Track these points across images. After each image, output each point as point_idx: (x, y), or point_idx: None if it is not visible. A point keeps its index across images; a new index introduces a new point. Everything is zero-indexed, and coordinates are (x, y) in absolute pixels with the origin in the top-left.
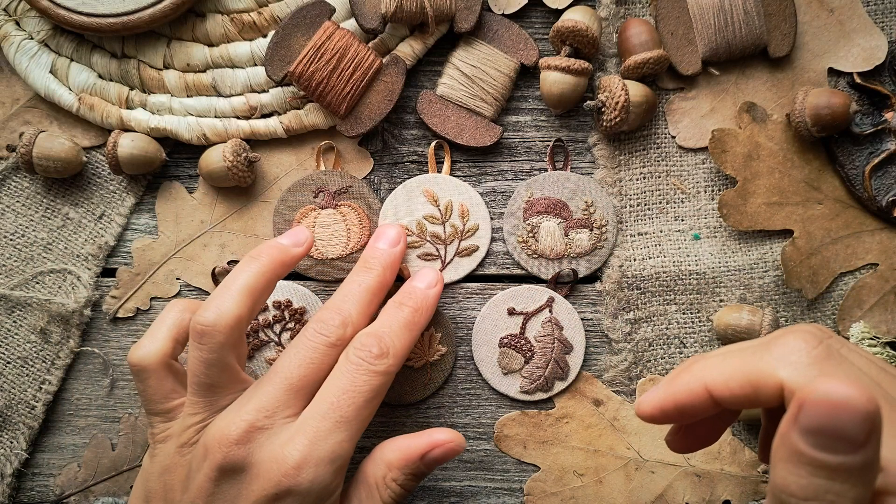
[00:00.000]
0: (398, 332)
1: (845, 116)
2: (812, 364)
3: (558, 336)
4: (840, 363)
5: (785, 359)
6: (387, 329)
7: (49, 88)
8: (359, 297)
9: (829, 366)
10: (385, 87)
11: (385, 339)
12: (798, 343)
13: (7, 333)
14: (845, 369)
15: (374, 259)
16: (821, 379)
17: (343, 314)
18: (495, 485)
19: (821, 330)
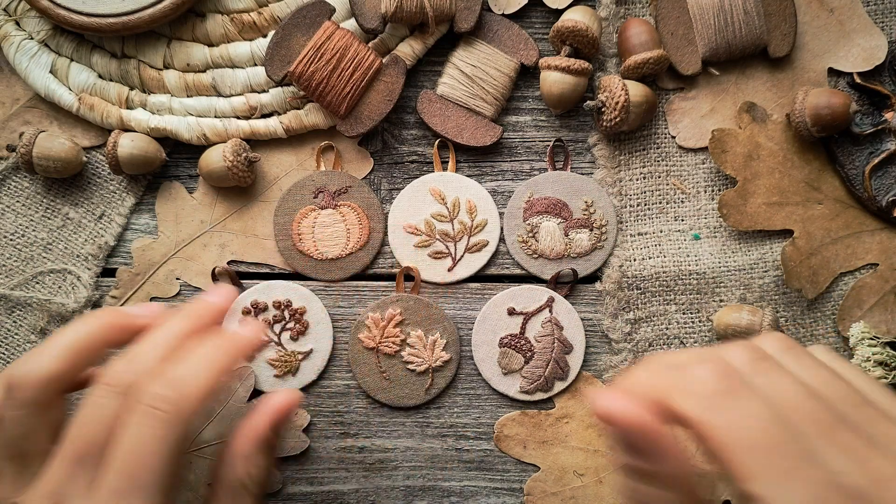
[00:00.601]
0: (196, 372)
1: (845, 116)
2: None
3: (558, 336)
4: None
5: (686, 390)
6: (182, 370)
7: (49, 88)
8: (159, 342)
9: (725, 400)
10: (385, 87)
11: (179, 381)
12: (701, 378)
13: (7, 333)
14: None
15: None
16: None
17: (134, 360)
18: (495, 485)
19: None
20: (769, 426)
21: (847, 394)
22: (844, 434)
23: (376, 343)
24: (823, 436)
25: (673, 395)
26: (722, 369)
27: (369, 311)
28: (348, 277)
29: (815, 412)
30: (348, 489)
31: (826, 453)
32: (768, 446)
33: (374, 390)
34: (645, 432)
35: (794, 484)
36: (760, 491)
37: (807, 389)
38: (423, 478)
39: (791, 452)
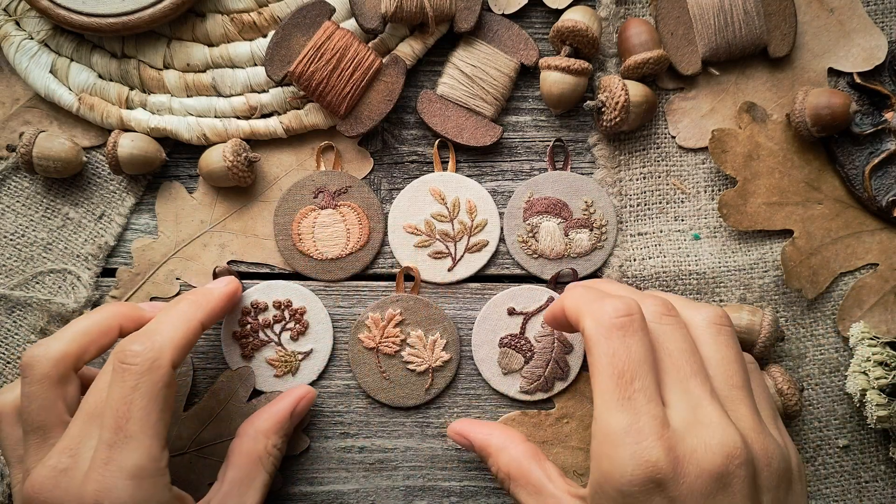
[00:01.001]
0: (168, 324)
1: (845, 116)
2: (604, 326)
3: (558, 336)
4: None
5: (595, 315)
6: (154, 325)
7: (49, 88)
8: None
9: (616, 333)
10: (385, 87)
11: (148, 334)
12: (607, 308)
13: (7, 333)
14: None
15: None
16: None
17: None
18: (495, 485)
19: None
20: (634, 363)
21: (731, 374)
22: (696, 384)
23: (376, 343)
24: (678, 380)
25: (583, 314)
26: (627, 308)
27: (369, 311)
28: (348, 277)
29: (684, 362)
30: (348, 489)
31: (671, 393)
32: (623, 377)
33: (374, 390)
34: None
35: (623, 410)
36: (596, 411)
37: (691, 347)
38: (423, 478)
39: (637, 386)
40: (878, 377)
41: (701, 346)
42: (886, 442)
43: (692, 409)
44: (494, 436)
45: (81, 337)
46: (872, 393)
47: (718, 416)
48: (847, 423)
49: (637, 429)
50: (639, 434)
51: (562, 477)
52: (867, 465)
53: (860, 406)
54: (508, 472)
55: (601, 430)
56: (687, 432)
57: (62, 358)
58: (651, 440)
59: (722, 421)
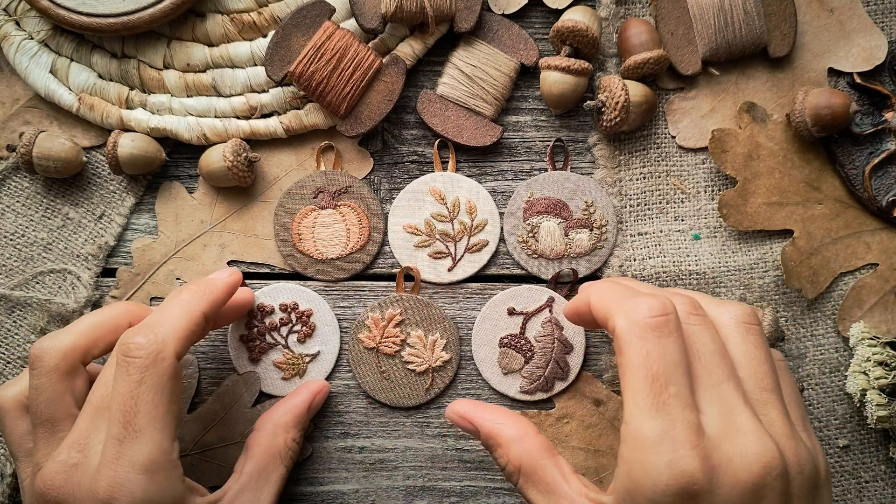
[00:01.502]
0: (170, 315)
1: (845, 116)
2: (638, 326)
3: (558, 336)
4: (660, 335)
5: (628, 314)
6: (156, 316)
7: (49, 88)
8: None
9: (651, 334)
10: (385, 87)
11: (151, 326)
12: (641, 307)
13: (7, 333)
14: (659, 341)
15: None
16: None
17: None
18: (495, 485)
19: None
20: (669, 366)
21: (761, 376)
22: (729, 389)
23: (376, 343)
24: (711, 384)
25: (614, 312)
26: (662, 307)
27: (369, 312)
28: (348, 277)
29: (715, 365)
30: (348, 489)
31: (704, 398)
32: (657, 381)
33: (375, 390)
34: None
35: (657, 415)
36: (627, 415)
37: (721, 348)
38: (423, 478)
39: (672, 391)
40: (878, 377)
41: (729, 346)
42: (886, 442)
43: (726, 415)
44: (507, 426)
45: (91, 331)
46: (872, 393)
47: (754, 425)
48: (847, 423)
49: (672, 436)
50: (674, 442)
51: (575, 475)
52: (867, 465)
53: (860, 406)
54: (520, 465)
55: (633, 435)
56: (722, 441)
57: (71, 350)
58: (686, 449)
59: (757, 429)
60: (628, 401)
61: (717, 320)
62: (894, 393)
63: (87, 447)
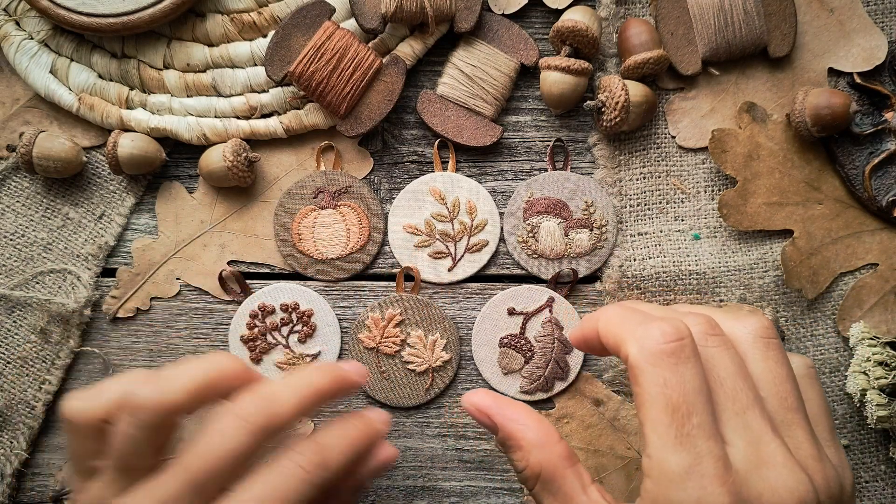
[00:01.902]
0: (342, 449)
1: (845, 116)
2: (653, 353)
3: (558, 336)
4: (677, 362)
5: (641, 341)
6: (332, 441)
7: (49, 88)
8: (298, 391)
9: (667, 361)
10: (385, 87)
11: (327, 451)
12: (654, 332)
13: (7, 333)
14: (676, 368)
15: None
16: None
17: (271, 401)
18: (495, 485)
19: (708, 324)
20: (689, 394)
21: (785, 395)
22: (755, 416)
23: (376, 343)
24: (735, 412)
25: (626, 340)
26: (676, 332)
27: (369, 312)
28: (348, 277)
29: (738, 391)
30: None
31: (728, 427)
32: (678, 411)
33: (375, 390)
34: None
35: (682, 449)
36: (650, 448)
37: (742, 371)
38: (423, 478)
39: (696, 422)
40: (878, 377)
41: (749, 363)
42: (886, 442)
43: (754, 446)
44: (530, 429)
45: (201, 391)
46: (872, 393)
47: (783, 456)
48: (847, 423)
49: (699, 472)
50: (702, 478)
51: (594, 485)
52: (867, 465)
53: (860, 406)
54: (540, 472)
55: (658, 469)
56: (750, 474)
57: (175, 408)
58: (715, 485)
59: (787, 461)
60: (650, 432)
61: (734, 336)
62: (894, 393)
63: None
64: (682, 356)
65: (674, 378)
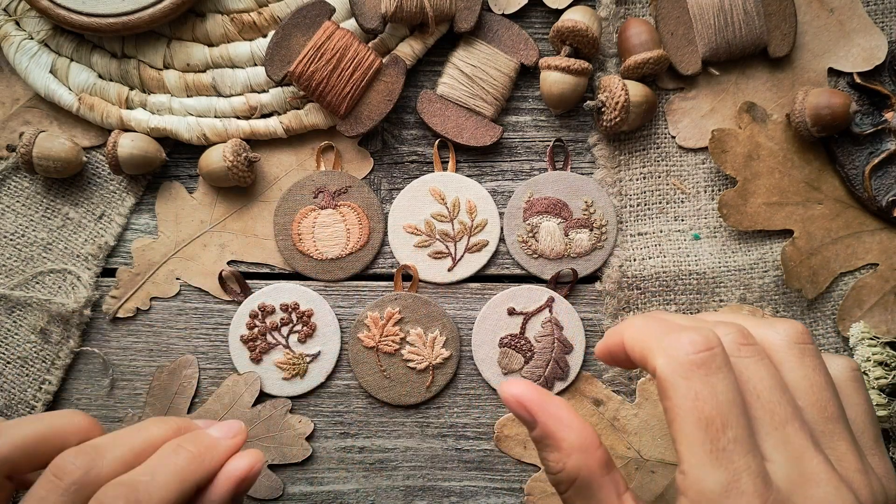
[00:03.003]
0: (164, 481)
1: (845, 116)
2: (682, 365)
3: (558, 336)
4: (707, 374)
5: (669, 352)
6: (147, 477)
7: (49, 88)
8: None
9: (698, 373)
10: (385, 87)
11: (140, 490)
12: (683, 343)
13: (7, 333)
14: (707, 380)
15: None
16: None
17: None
18: (495, 485)
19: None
20: (723, 407)
21: (824, 404)
22: (795, 431)
23: (376, 342)
24: (774, 426)
25: (653, 351)
26: (706, 342)
27: (368, 311)
28: (348, 277)
29: (776, 404)
30: (348, 489)
31: (767, 442)
32: (712, 425)
33: (375, 389)
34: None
35: (718, 465)
36: (685, 465)
37: (779, 383)
38: (423, 478)
39: (731, 436)
40: (878, 377)
41: (784, 371)
42: (886, 442)
43: (795, 462)
44: (574, 431)
45: (32, 445)
46: (872, 393)
47: (827, 473)
48: None
49: (738, 490)
50: (741, 496)
51: (629, 493)
52: None
53: None
54: (577, 477)
55: (694, 487)
56: (792, 492)
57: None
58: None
59: (831, 478)
60: (684, 449)
61: (768, 342)
62: (894, 393)
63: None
64: (713, 367)
65: (705, 390)
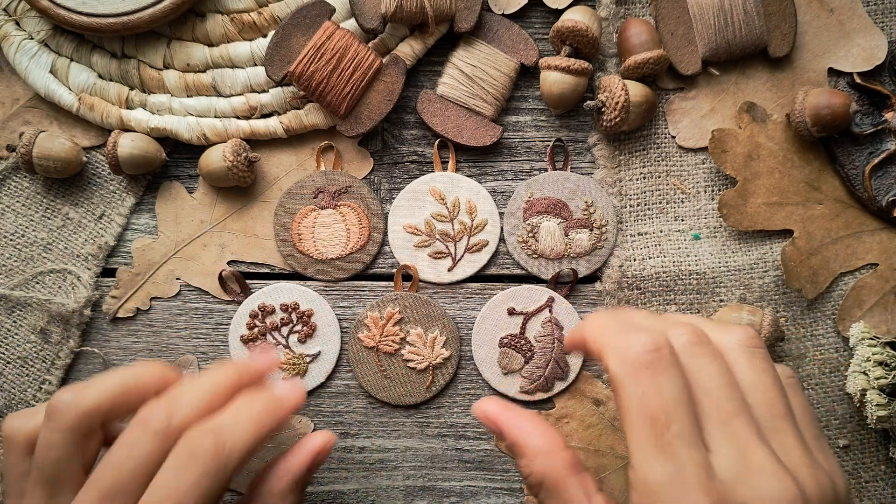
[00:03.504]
0: (244, 428)
1: (845, 116)
2: (631, 365)
3: (558, 336)
4: (656, 373)
5: (620, 353)
6: (229, 420)
7: (49, 88)
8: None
9: (645, 373)
10: (385, 87)
11: (224, 433)
12: (632, 344)
13: (7, 333)
14: (655, 380)
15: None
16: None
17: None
18: (495, 485)
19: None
20: (668, 404)
21: (772, 402)
22: (741, 425)
23: (376, 342)
24: (721, 421)
25: (607, 350)
26: (654, 343)
27: (368, 311)
28: (348, 277)
29: (724, 400)
30: (348, 489)
31: (714, 436)
32: (658, 421)
33: (375, 389)
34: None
35: (663, 459)
36: (633, 459)
37: (729, 381)
38: (423, 478)
39: (675, 431)
40: (878, 377)
41: (736, 371)
42: (886, 442)
43: (740, 454)
44: (534, 437)
45: (118, 393)
46: (872, 393)
47: (771, 463)
48: (847, 423)
49: (681, 481)
50: (683, 487)
51: (600, 494)
52: (867, 465)
53: (860, 406)
54: (543, 480)
55: (641, 481)
56: (737, 482)
57: (94, 411)
58: (698, 493)
59: (776, 469)
60: (632, 444)
61: (721, 345)
62: (894, 393)
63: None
64: (659, 367)
65: (652, 389)
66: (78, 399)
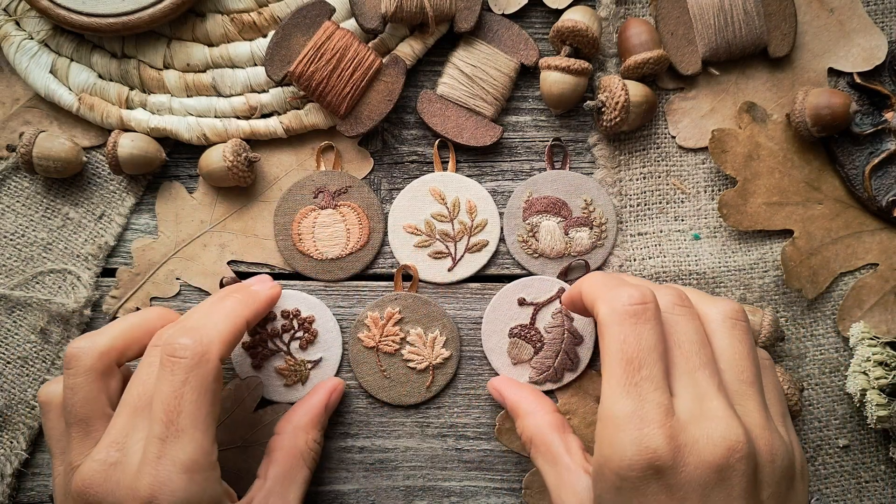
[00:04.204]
0: (214, 320)
1: (845, 116)
2: (618, 313)
3: (568, 327)
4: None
5: (610, 302)
6: (201, 319)
7: (49, 88)
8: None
9: (629, 321)
10: (385, 87)
11: (196, 329)
12: (622, 296)
13: (7, 333)
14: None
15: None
16: None
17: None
18: (495, 485)
19: (678, 297)
20: (643, 351)
21: (742, 369)
22: (705, 377)
23: (376, 342)
24: (687, 370)
25: (599, 300)
26: (641, 297)
27: (368, 311)
28: (348, 277)
29: (693, 354)
30: (348, 489)
31: (679, 382)
32: (631, 364)
33: (375, 389)
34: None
35: (629, 396)
36: (603, 395)
37: (701, 338)
38: (423, 478)
39: (645, 374)
40: (878, 377)
41: (714, 340)
42: (886, 442)
43: (698, 400)
44: (526, 399)
45: (127, 333)
46: (872, 393)
47: (724, 410)
48: (847, 423)
49: (640, 415)
50: (641, 421)
51: (582, 451)
52: (867, 465)
53: (860, 406)
54: (531, 437)
55: (606, 413)
56: (690, 423)
57: (108, 351)
58: (653, 427)
59: (726, 414)
60: (605, 382)
61: (705, 315)
62: (894, 393)
63: (126, 446)
64: (642, 317)
65: (632, 335)
66: (92, 343)
